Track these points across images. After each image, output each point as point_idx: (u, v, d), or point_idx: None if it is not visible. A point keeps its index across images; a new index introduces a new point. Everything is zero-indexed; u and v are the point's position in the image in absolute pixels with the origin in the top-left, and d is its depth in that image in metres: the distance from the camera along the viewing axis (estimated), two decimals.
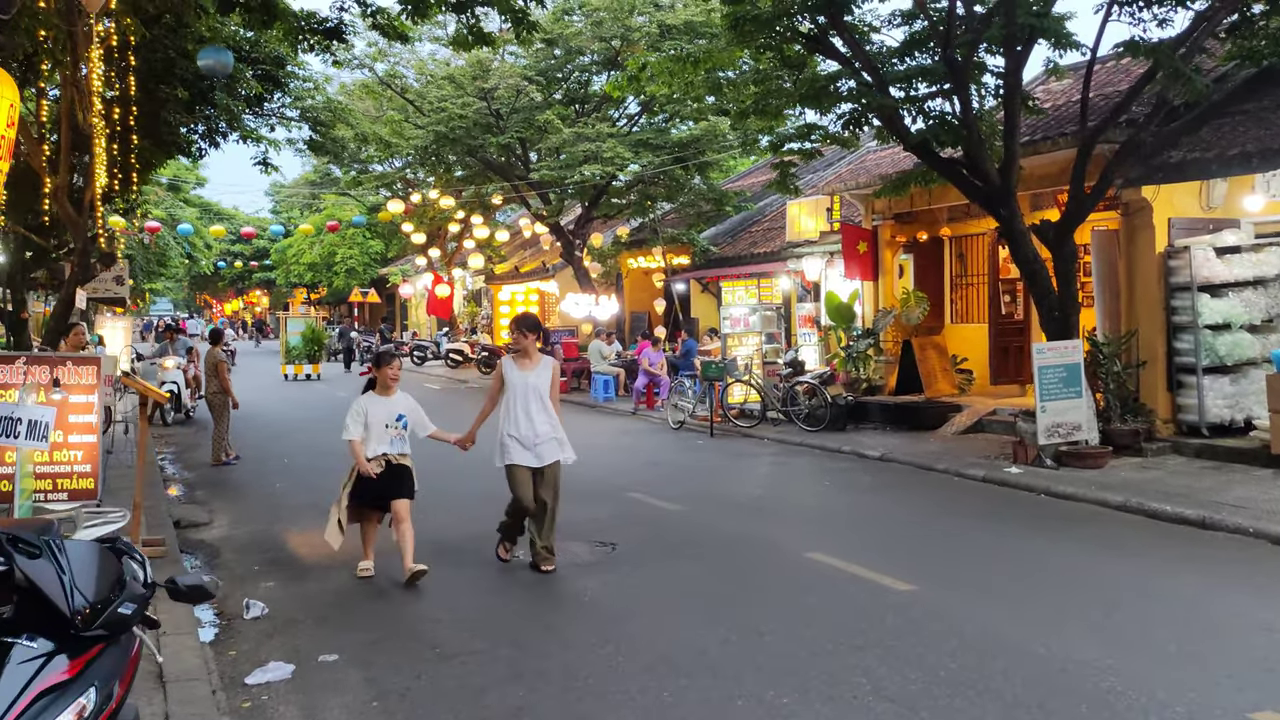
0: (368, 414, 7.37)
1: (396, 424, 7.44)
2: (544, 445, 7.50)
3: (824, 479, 11.78)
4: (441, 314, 34.50)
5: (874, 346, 16.26)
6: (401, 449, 7.50)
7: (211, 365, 13.50)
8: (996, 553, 8.11)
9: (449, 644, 5.97)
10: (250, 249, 55.34)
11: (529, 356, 7.59)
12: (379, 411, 7.40)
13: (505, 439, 7.51)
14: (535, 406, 7.48)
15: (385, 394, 7.52)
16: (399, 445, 7.48)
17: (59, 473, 7.65)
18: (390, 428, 7.40)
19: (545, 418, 7.49)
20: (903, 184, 13.55)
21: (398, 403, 7.54)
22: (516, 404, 7.48)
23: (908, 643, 5.83)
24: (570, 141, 21.55)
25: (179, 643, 5.80)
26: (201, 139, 14.78)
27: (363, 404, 7.43)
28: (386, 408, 7.46)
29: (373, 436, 7.34)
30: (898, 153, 21.28)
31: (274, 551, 8.48)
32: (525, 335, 7.53)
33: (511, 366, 7.60)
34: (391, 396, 7.52)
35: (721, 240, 24.46)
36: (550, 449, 7.52)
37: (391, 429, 7.41)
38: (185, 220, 34.61)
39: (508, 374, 7.57)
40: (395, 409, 7.49)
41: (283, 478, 12.20)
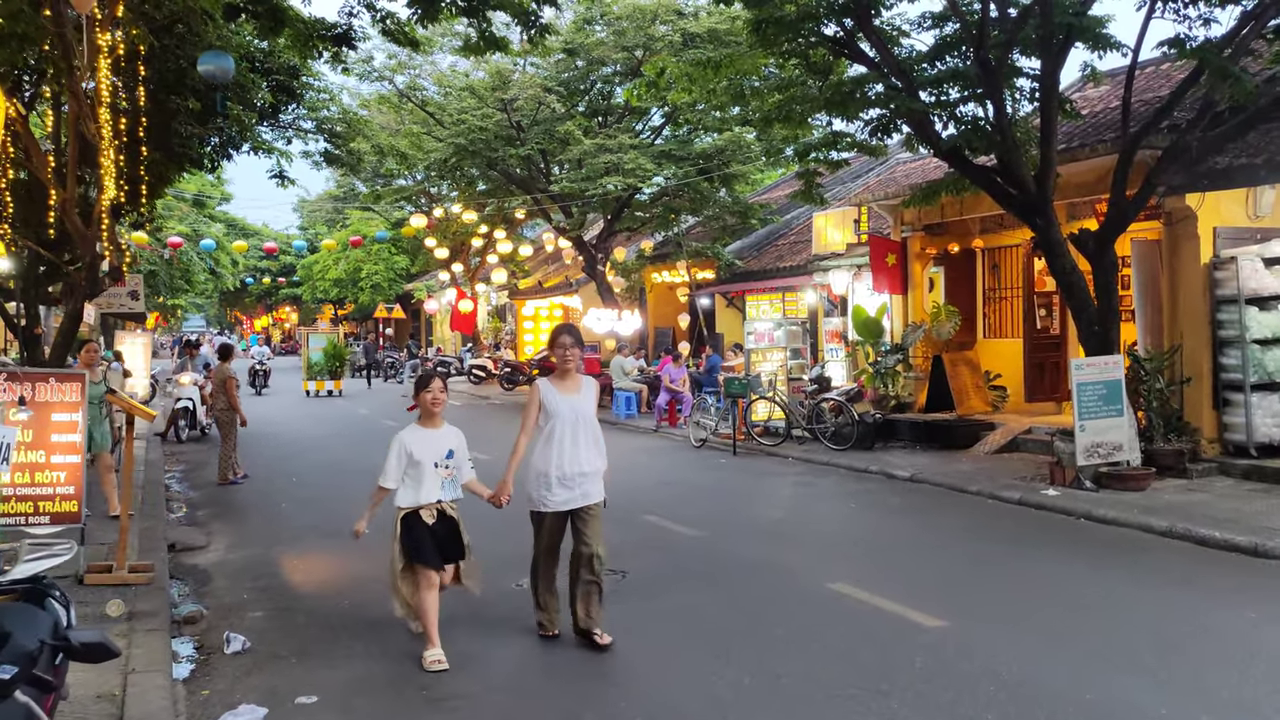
0: (412, 452, 5.91)
1: (447, 462, 6.01)
2: (590, 482, 6.14)
3: (850, 501, 11.22)
4: (465, 329, 34.21)
5: (903, 362, 15.69)
6: (454, 494, 6.06)
7: (219, 382, 13.17)
8: (1035, 583, 7.54)
9: (438, 686, 5.51)
10: (277, 265, 55.51)
11: (570, 375, 6.24)
12: (425, 448, 5.94)
13: (544, 478, 6.07)
14: (585, 438, 6.13)
15: (430, 424, 6.06)
16: (451, 489, 6.04)
17: (40, 495, 7.31)
18: (441, 467, 5.97)
19: (595, 451, 6.18)
20: (933, 193, 13.01)
21: (447, 436, 6.08)
22: (564, 436, 6.07)
23: (938, 687, 5.30)
24: (591, 153, 21.16)
25: (148, 681, 5.39)
26: (214, 151, 14.51)
27: (405, 441, 5.95)
28: (434, 442, 5.99)
29: (423, 479, 5.91)
30: (928, 164, 20.75)
31: (267, 578, 8.06)
32: (571, 348, 6.13)
33: (552, 390, 6.16)
34: (438, 428, 6.07)
35: (747, 254, 23.98)
36: (595, 485, 6.18)
37: (442, 469, 5.98)
38: (211, 236, 34.59)
39: (548, 399, 6.12)
40: (444, 443, 6.04)
41: (289, 498, 11.82)
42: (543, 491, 6.08)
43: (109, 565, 7.53)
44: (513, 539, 9.05)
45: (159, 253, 29.88)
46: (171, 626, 6.65)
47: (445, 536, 5.97)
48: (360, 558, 8.65)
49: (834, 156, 13.84)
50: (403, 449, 5.95)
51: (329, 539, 9.48)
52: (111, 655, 3.00)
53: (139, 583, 7.39)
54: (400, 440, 5.98)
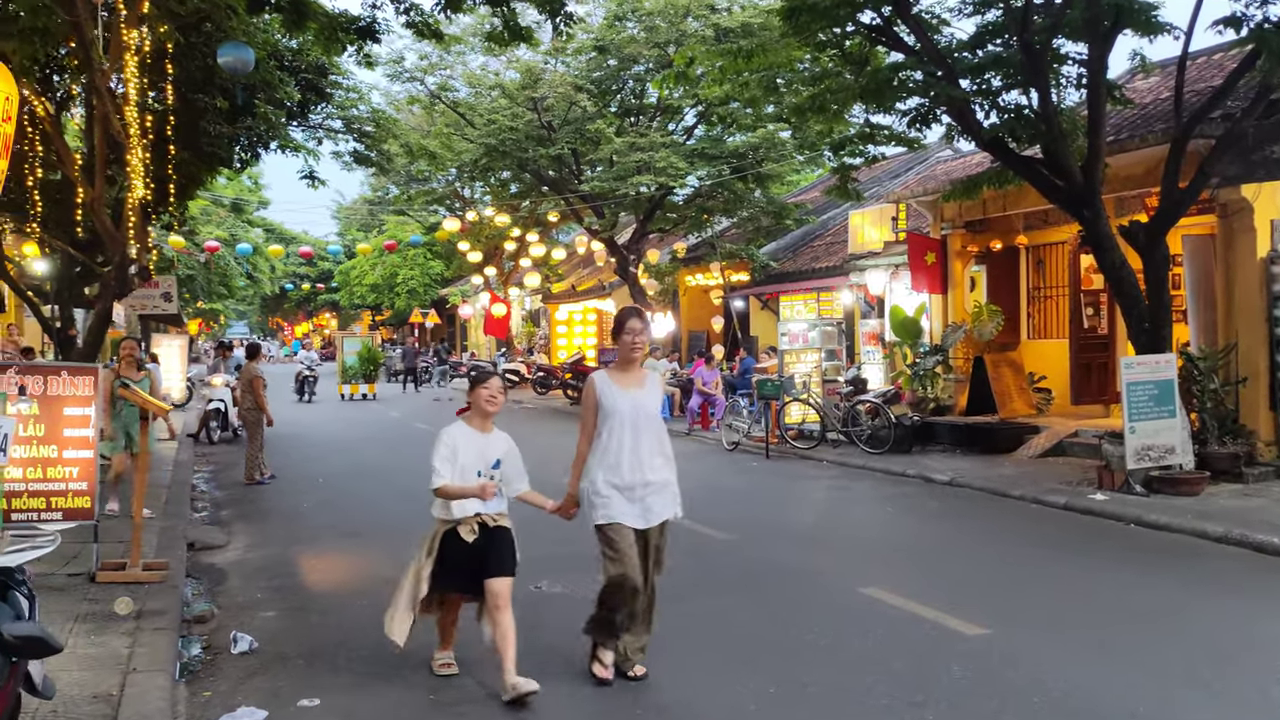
0: (457, 452, 5.20)
1: (493, 473, 5.27)
2: (656, 495, 5.18)
3: (886, 505, 10.82)
4: (498, 334, 34.11)
5: (942, 364, 15.23)
6: (500, 507, 5.28)
7: (246, 381, 13.07)
8: (1081, 590, 7.13)
9: (447, 690, 5.24)
10: (316, 271, 55.93)
11: (634, 367, 5.33)
12: (471, 452, 5.21)
13: (602, 487, 5.15)
14: (649, 441, 5.18)
15: (481, 426, 5.31)
16: (496, 502, 5.25)
17: (53, 490, 7.15)
18: (485, 475, 5.24)
19: (662, 458, 5.25)
20: (974, 186, 12.59)
21: (496, 442, 5.35)
22: (623, 438, 5.14)
23: (978, 698, 4.94)
24: (623, 151, 20.91)
25: (148, 681, 5.17)
26: (243, 150, 14.45)
27: (453, 437, 5.23)
28: (481, 447, 5.26)
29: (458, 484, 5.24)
30: (969, 161, 20.25)
31: (283, 578, 7.86)
32: (640, 334, 5.20)
33: (610, 385, 5.22)
34: (489, 433, 5.34)
35: (782, 255, 23.60)
36: (664, 501, 5.23)
37: (485, 477, 5.25)
38: (249, 241, 34.83)
39: (605, 395, 5.20)
40: (493, 450, 5.30)
41: (312, 498, 11.66)
42: (598, 500, 5.18)
43: (123, 563, 7.37)
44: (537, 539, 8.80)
45: (196, 257, 30.08)
46: (181, 626, 6.46)
47: (486, 551, 5.18)
48: (377, 558, 8.45)
49: (870, 151, 13.44)
50: (452, 447, 5.18)
51: (347, 539, 9.29)
52: (50, 650, 2.76)
53: (152, 580, 7.21)
54: (448, 436, 5.22)
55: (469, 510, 5.17)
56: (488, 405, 5.28)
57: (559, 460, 5.53)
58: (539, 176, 25.45)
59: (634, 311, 5.35)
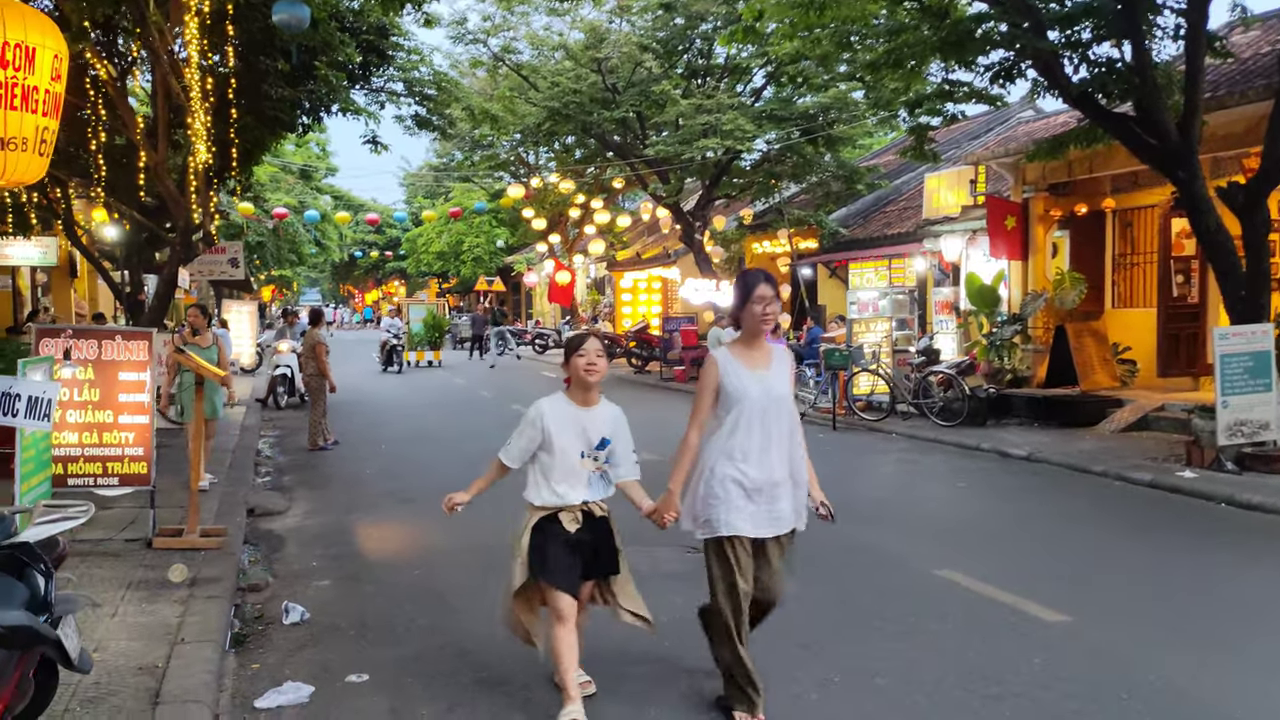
0: (550, 432, 4.39)
1: (597, 453, 4.45)
2: (786, 498, 4.34)
3: (959, 480, 10.37)
4: (563, 301, 33.98)
5: (1021, 333, 14.61)
6: (604, 493, 4.51)
7: (309, 347, 13.05)
8: (1171, 574, 6.67)
9: (496, 669, 5.04)
10: (384, 239, 56.45)
11: (761, 342, 4.42)
12: (570, 429, 4.40)
13: (721, 486, 4.27)
14: (780, 432, 4.32)
15: (583, 400, 4.46)
16: (601, 488, 4.48)
17: (109, 455, 7.13)
18: (589, 457, 4.42)
19: (798, 451, 4.41)
20: (1060, 145, 11.94)
21: (601, 417, 4.48)
22: (751, 427, 4.28)
23: (1060, 693, 4.59)
24: (688, 114, 20.41)
25: (195, 653, 5.06)
26: (305, 114, 14.37)
27: (544, 413, 4.42)
28: (583, 423, 4.43)
29: (564, 472, 4.39)
30: (1052, 122, 19.39)
31: (339, 545, 7.76)
32: (774, 302, 4.31)
33: (735, 365, 4.33)
34: (592, 406, 4.48)
35: (852, 222, 22.95)
36: (795, 504, 4.40)
37: (590, 459, 4.43)
38: (317, 208, 35.12)
39: (730, 377, 4.30)
40: (598, 426, 4.45)
41: (375, 465, 11.61)
42: (719, 508, 4.25)
43: (180, 529, 7.33)
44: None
45: (264, 223, 30.41)
46: (235, 594, 6.38)
47: (591, 547, 4.45)
48: (433, 527, 8.33)
49: (949, 109, 12.84)
50: (540, 424, 4.40)
51: (406, 505, 9.18)
52: (41, 641, 2.56)
53: (209, 547, 7.16)
54: (540, 412, 4.42)
55: (574, 498, 4.40)
56: (587, 374, 4.37)
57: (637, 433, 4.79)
58: (603, 141, 25.09)
59: (763, 275, 4.37)
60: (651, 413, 17.09)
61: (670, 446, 4.14)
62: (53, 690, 3.97)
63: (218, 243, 17.08)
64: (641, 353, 25.49)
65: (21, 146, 6.65)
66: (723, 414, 4.36)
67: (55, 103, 6.83)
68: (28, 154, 6.68)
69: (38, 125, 6.69)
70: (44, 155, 6.84)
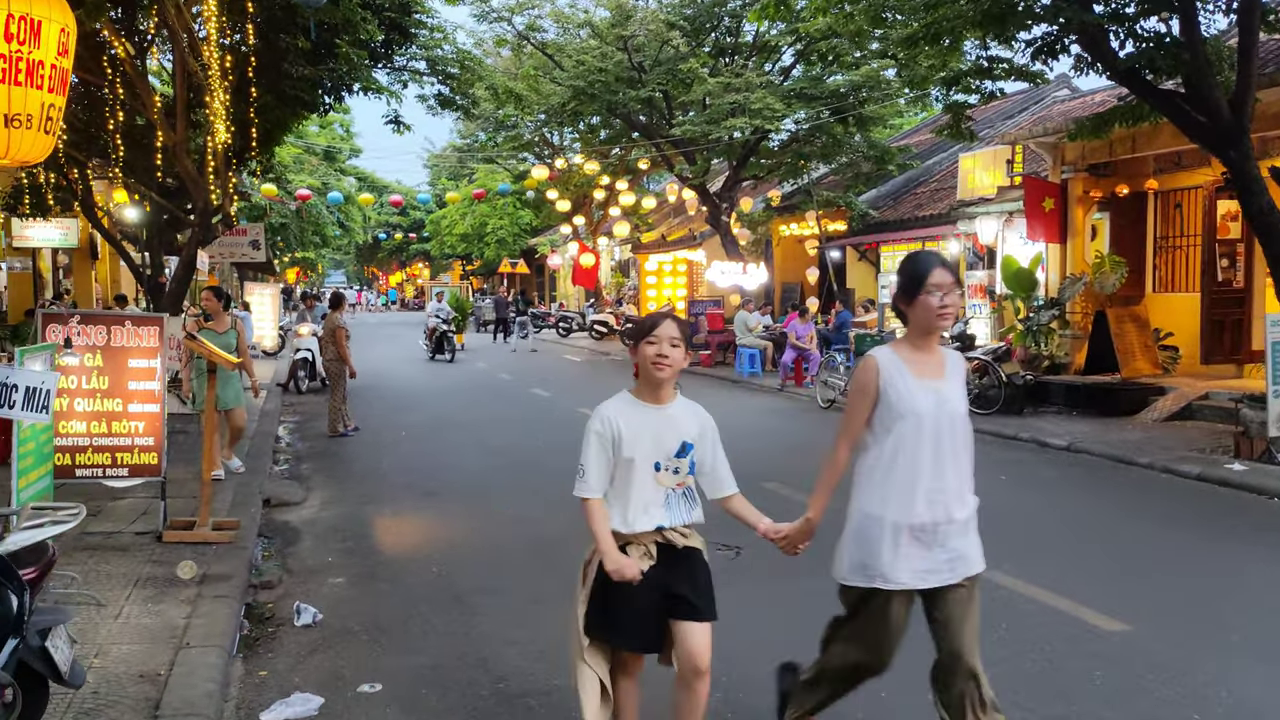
0: (621, 440, 3.46)
1: (678, 462, 3.51)
2: (961, 535, 3.49)
3: (999, 472, 9.98)
4: (587, 284, 33.67)
5: (1059, 318, 14.16)
6: (689, 517, 3.56)
7: (329, 332, 12.80)
8: (1232, 577, 6.29)
9: (518, 678, 4.74)
10: (408, 221, 56.28)
11: (933, 344, 3.53)
12: (642, 437, 3.47)
13: (878, 522, 3.44)
14: (956, 456, 3.48)
15: (654, 397, 3.53)
16: (684, 509, 3.54)
17: (119, 445, 6.88)
18: (666, 469, 3.50)
19: (970, 482, 3.58)
20: (1105, 123, 11.45)
21: (681, 418, 3.55)
22: (919, 451, 3.42)
23: (1127, 712, 4.24)
24: (716, 93, 19.95)
25: (200, 658, 4.79)
26: (326, 93, 14.07)
27: (613, 420, 3.48)
28: (656, 426, 3.49)
29: (632, 487, 3.46)
30: (1089, 101, 18.83)
31: (355, 539, 7.50)
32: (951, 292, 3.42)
33: (902, 371, 3.46)
34: (666, 404, 3.54)
35: (882, 203, 22.46)
36: (972, 543, 3.53)
37: (668, 472, 3.50)
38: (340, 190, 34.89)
39: (895, 385, 3.44)
40: (676, 428, 3.52)
41: (394, 453, 11.36)
42: (880, 552, 3.40)
43: (191, 521, 7.08)
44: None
45: (287, 205, 30.23)
46: (247, 591, 6.13)
47: (668, 584, 3.47)
48: (453, 521, 8.06)
49: (987, 87, 12.38)
50: (611, 434, 3.44)
51: (425, 499, 8.91)
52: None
53: (221, 541, 6.91)
54: (605, 419, 3.47)
55: (645, 524, 3.45)
56: (656, 369, 3.43)
57: None
58: (629, 121, 24.66)
59: (937, 259, 3.49)
60: None
61: None
62: (43, 705, 3.72)
63: (237, 224, 16.84)
64: None
65: (26, 124, 6.38)
66: (881, 433, 3.44)
67: (62, 79, 6.55)
68: (33, 131, 6.41)
69: (43, 102, 6.42)
70: (50, 133, 6.57)
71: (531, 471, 10.02)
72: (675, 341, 3.46)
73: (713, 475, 3.64)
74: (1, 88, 6.24)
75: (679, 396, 3.60)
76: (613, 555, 3.38)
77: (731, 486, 3.67)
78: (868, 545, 3.45)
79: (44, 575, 3.54)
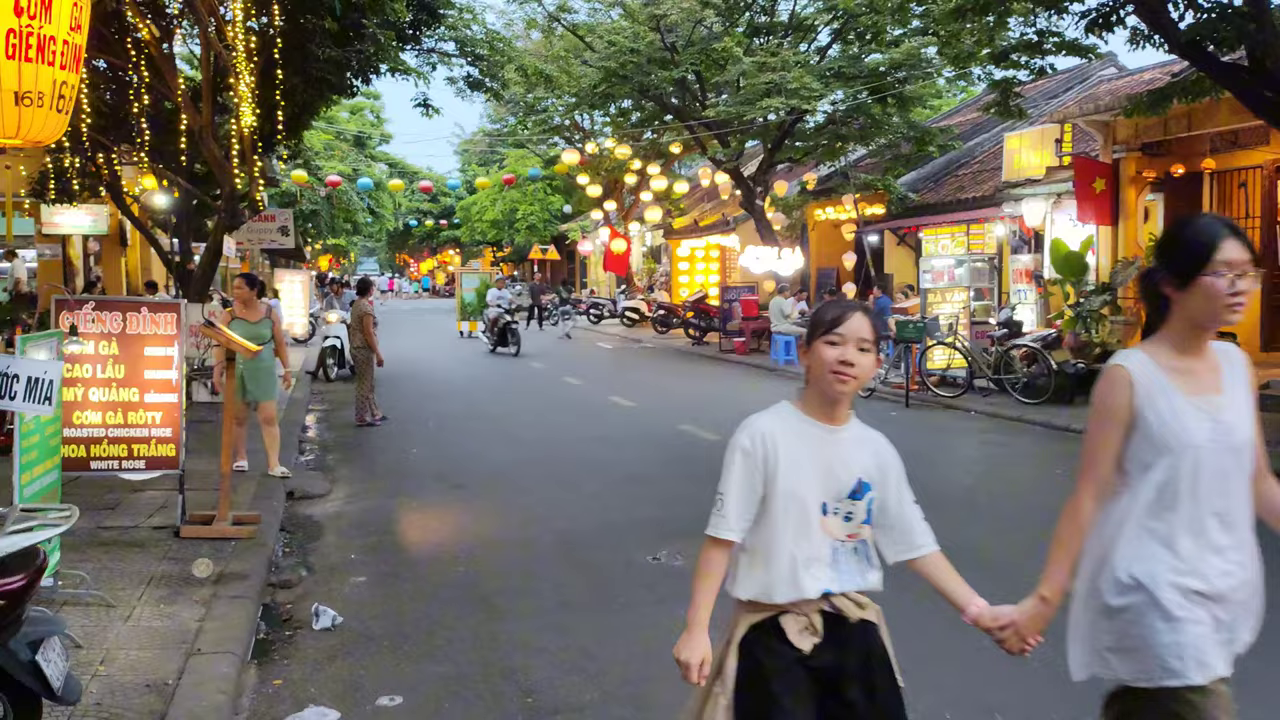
0: (778, 467, 2.56)
1: (851, 505, 2.61)
2: (1249, 604, 2.56)
3: (1054, 465, 9.51)
4: (618, 270, 33.26)
5: (1110, 304, 13.59)
6: (862, 580, 2.65)
7: (356, 318, 12.53)
8: None
9: (549, 691, 4.41)
10: (439, 207, 56.14)
11: (1201, 347, 2.56)
12: (809, 466, 2.58)
13: (1170, 596, 2.47)
14: (1240, 499, 2.54)
15: (827, 416, 2.63)
16: (856, 570, 2.64)
17: (135, 437, 6.61)
18: (835, 513, 2.60)
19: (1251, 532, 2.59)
20: (1162, 99, 10.89)
21: (857, 448, 2.66)
22: (1197, 496, 2.50)
23: None
24: (751, 72, 19.44)
25: (210, 667, 4.50)
26: (353, 76, 13.78)
27: (767, 435, 2.59)
28: (829, 455, 2.61)
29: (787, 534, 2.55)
30: (1137, 79, 18.14)
31: (380, 534, 7.21)
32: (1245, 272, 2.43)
33: (1163, 382, 2.51)
34: (839, 426, 2.65)
35: (922, 186, 21.84)
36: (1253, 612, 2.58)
37: (837, 517, 2.60)
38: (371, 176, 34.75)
39: (1156, 405, 2.50)
40: (849, 460, 2.62)
41: (422, 443, 11.06)
42: (1165, 635, 2.45)
43: (211, 516, 6.82)
44: (646, 488, 7.89)
45: (318, 191, 30.10)
46: (265, 590, 5.85)
47: (835, 683, 2.55)
48: (480, 516, 7.75)
49: (1036, 63, 11.86)
50: (763, 456, 2.55)
51: (452, 492, 8.61)
52: None
53: (240, 536, 6.64)
54: (758, 435, 2.58)
55: (809, 590, 2.53)
56: (837, 379, 2.53)
57: (698, 409, 3.58)
58: (661, 103, 24.20)
59: (1227, 226, 2.49)
60: (711, 386, 16.43)
61: (736, 426, 2.65)
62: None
63: (263, 209, 16.62)
64: (700, 323, 24.72)
65: (38, 102, 6.06)
66: (1135, 470, 2.52)
67: (75, 55, 6.22)
68: (44, 110, 6.09)
69: (55, 79, 6.10)
70: (63, 112, 6.27)
71: (562, 464, 9.69)
72: (865, 344, 2.54)
73: (897, 528, 2.66)
74: (10, 64, 5.92)
75: (854, 420, 2.65)
76: (696, 635, 2.51)
77: (926, 542, 2.70)
78: (1150, 625, 2.45)
79: (33, 583, 3.25)
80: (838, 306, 2.62)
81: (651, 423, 11.83)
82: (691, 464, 9.48)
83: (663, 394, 15.35)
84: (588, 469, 9.35)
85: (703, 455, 9.86)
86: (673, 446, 10.34)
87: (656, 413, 12.73)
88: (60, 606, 5.06)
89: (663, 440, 10.64)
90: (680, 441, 10.56)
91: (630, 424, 11.96)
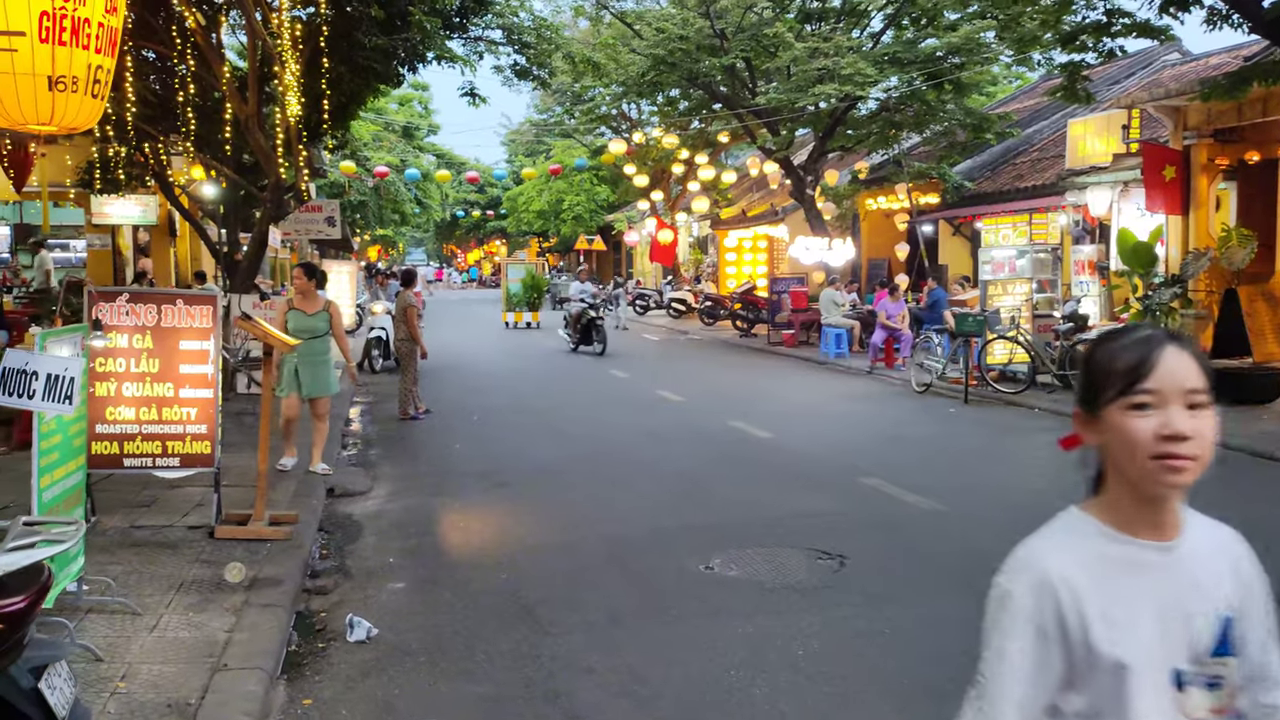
0: (1088, 625, 1.52)
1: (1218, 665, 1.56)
2: None
3: None
4: (664, 261, 32.88)
5: (1181, 297, 12.95)
6: None
7: (400, 310, 12.33)
8: None
9: (594, 715, 4.10)
10: (485, 198, 56.11)
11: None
12: (1141, 615, 1.55)
13: None
14: None
15: (1152, 529, 1.58)
16: None
17: (169, 434, 6.42)
18: (1198, 681, 1.55)
19: None
20: (1241, 82, 10.30)
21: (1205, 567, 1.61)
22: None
23: None
24: (803, 58, 18.93)
25: (237, 684, 4.26)
26: (400, 64, 13.55)
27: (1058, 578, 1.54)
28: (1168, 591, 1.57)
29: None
30: (1204, 64, 17.37)
31: (420, 535, 6.96)
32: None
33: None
34: (1176, 536, 1.60)
35: (978, 174, 21.19)
36: None
37: (1200, 688, 1.55)
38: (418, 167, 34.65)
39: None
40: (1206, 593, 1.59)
41: (466, 438, 10.83)
42: None
43: (247, 515, 6.61)
44: (700, 492, 7.54)
45: (365, 182, 30.07)
46: (300, 597, 5.62)
47: None
48: (525, 517, 7.47)
49: (1105, 45, 11.28)
50: (1057, 613, 1.54)
51: (496, 490, 8.35)
52: None
53: (277, 537, 6.43)
54: (1043, 580, 1.56)
55: None
56: (1164, 471, 1.52)
57: (748, 405, 3.56)
58: (709, 91, 23.74)
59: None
60: (761, 380, 16.02)
61: (788, 423, 2.27)
62: None
63: (309, 200, 16.50)
64: (748, 315, 24.29)
65: (72, 87, 5.88)
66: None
67: (111, 39, 6.02)
68: (79, 95, 5.91)
69: (90, 63, 5.91)
70: (99, 98, 6.07)
71: (609, 461, 9.40)
72: (1197, 400, 1.54)
73: (1261, 673, 1.64)
74: (44, 48, 5.73)
75: (1191, 516, 1.65)
76: None
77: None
78: None
79: (36, 604, 3.00)
80: (1133, 341, 1.57)
81: (701, 419, 11.49)
82: (743, 464, 9.14)
83: (711, 388, 14.99)
84: (635, 467, 9.04)
85: (755, 455, 9.52)
86: (723, 444, 9.99)
87: (706, 408, 12.38)
88: (85, 614, 4.86)
89: (713, 437, 10.30)
90: (731, 438, 10.20)
91: (679, 419, 11.63)
